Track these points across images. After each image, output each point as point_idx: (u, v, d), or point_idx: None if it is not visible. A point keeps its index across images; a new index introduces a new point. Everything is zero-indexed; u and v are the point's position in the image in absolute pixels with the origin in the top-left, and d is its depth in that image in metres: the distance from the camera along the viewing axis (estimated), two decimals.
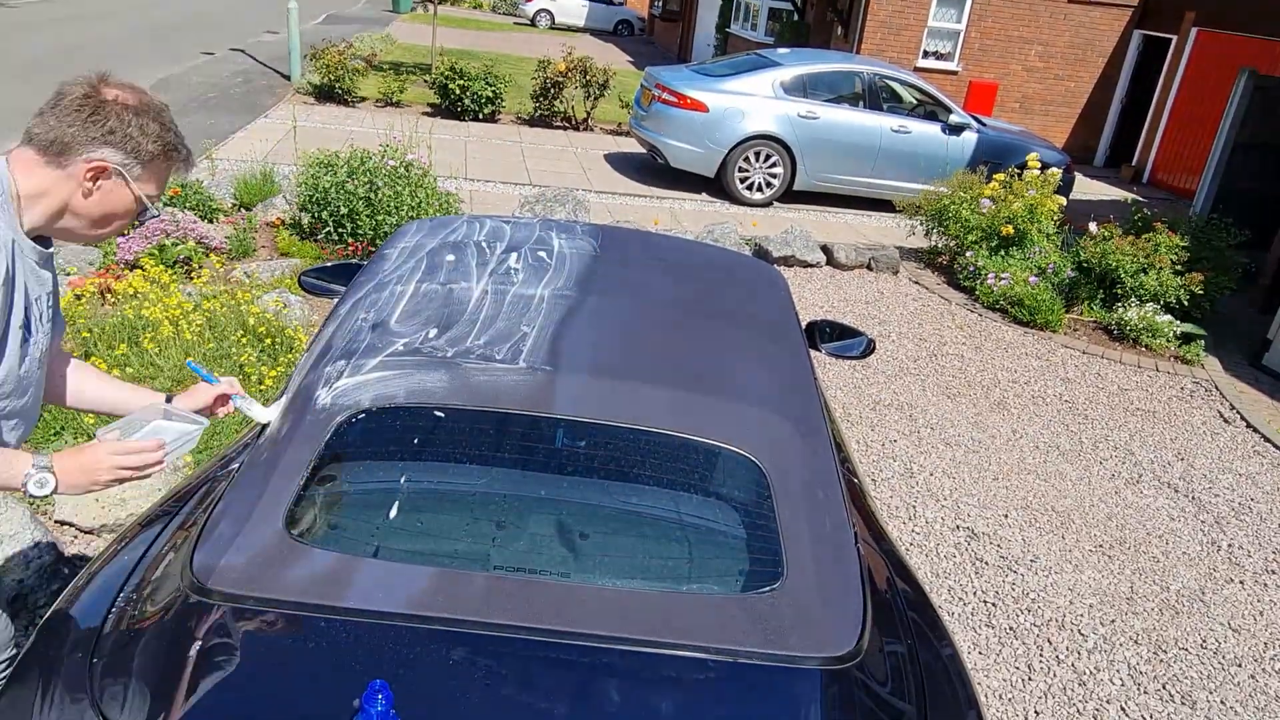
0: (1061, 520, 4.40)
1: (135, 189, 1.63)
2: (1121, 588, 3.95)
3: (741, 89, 9.47)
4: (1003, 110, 14.19)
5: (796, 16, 16.76)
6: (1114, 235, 7.40)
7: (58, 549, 2.98)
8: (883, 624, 1.77)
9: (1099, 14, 14.18)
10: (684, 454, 1.88)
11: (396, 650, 1.48)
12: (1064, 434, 5.31)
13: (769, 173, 9.59)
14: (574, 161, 10.70)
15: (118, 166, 1.60)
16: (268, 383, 3.96)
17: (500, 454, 1.88)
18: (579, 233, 2.67)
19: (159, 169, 1.66)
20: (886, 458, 4.74)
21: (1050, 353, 6.55)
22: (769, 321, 2.43)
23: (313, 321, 5.03)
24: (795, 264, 7.64)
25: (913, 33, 13.90)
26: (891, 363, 5.98)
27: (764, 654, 1.56)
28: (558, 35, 23.58)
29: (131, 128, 1.60)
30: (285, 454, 1.75)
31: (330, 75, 11.77)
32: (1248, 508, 4.78)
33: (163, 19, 18.42)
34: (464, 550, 1.74)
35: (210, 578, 1.56)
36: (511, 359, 1.90)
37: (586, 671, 1.51)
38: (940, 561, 3.93)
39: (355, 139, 8.26)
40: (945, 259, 8.16)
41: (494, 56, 15.67)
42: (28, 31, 14.91)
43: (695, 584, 1.74)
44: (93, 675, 1.49)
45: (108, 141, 1.58)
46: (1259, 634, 3.78)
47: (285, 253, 6.10)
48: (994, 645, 3.47)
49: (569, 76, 12.03)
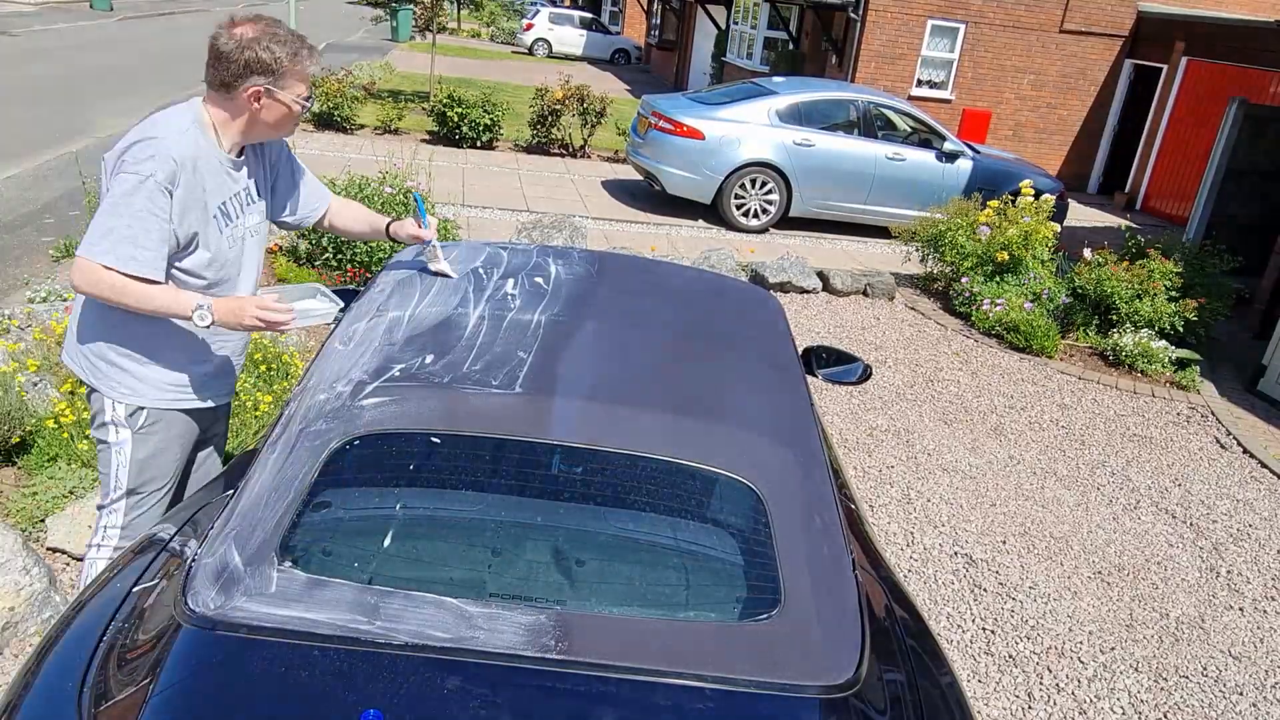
0: (1060, 547, 4.39)
1: (285, 98, 2.16)
2: (1121, 615, 3.92)
3: (737, 117, 9.55)
4: (996, 138, 14.32)
5: (791, 45, 16.95)
6: (1108, 261, 7.44)
7: (49, 576, 2.95)
8: (881, 652, 1.76)
9: (1090, 44, 14.36)
10: (681, 480, 1.87)
11: (391, 680, 1.47)
12: (1061, 460, 5.31)
13: (765, 199, 9.65)
14: (571, 188, 10.76)
15: (267, 86, 2.12)
16: (263, 408, 3.95)
17: (496, 480, 1.87)
18: (576, 259, 2.68)
19: (297, 73, 2.15)
20: (884, 484, 4.73)
21: (1046, 378, 6.56)
22: (766, 347, 2.43)
23: (309, 347, 5.03)
24: (792, 290, 7.67)
25: (907, 62, 14.06)
26: (888, 389, 5.98)
27: (762, 683, 1.55)
28: (555, 64, 23.79)
29: (262, 52, 2.08)
30: (279, 481, 1.74)
31: (329, 103, 11.86)
32: (1246, 534, 4.77)
33: (162, 49, 18.59)
34: (460, 578, 1.73)
35: (203, 607, 1.55)
36: (508, 384, 1.90)
37: (583, 700, 1.49)
38: (939, 588, 3.91)
39: (353, 166, 8.30)
40: (941, 285, 8.20)
41: (492, 85, 15.81)
42: (31, 59, 15.02)
43: (692, 611, 1.73)
44: (83, 706, 1.47)
45: (251, 70, 2.09)
46: (1260, 661, 3.75)
47: (283, 279, 6.11)
48: (993, 673, 3.44)
49: (566, 104, 12.12)
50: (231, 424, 3.62)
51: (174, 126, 2.11)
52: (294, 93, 2.17)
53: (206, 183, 2.14)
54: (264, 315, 2.09)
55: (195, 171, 2.10)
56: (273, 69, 2.11)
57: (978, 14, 13.92)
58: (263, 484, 1.76)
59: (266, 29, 2.11)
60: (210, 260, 2.21)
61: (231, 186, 2.24)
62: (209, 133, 2.17)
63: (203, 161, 2.13)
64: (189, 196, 2.09)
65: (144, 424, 2.32)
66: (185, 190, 2.08)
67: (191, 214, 2.12)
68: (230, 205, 2.24)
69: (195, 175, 2.10)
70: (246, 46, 2.08)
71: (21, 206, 7.47)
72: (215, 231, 2.20)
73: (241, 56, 2.08)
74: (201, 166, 2.12)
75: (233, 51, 2.08)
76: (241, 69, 2.09)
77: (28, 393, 3.81)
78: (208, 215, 2.16)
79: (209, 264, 2.21)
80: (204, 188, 2.13)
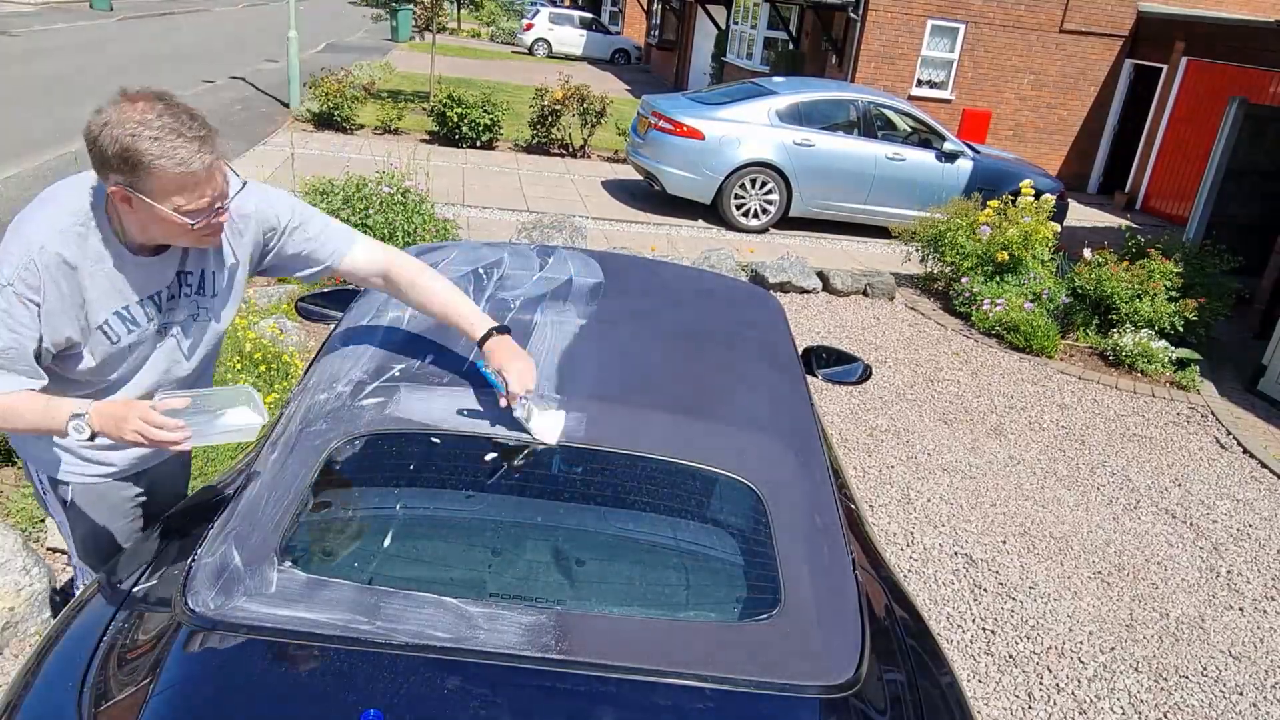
0: (1060, 547, 4.39)
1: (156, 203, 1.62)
2: (1121, 614, 3.92)
3: (737, 117, 9.55)
4: (996, 138, 14.32)
5: (791, 45, 16.95)
6: (1108, 261, 7.44)
7: (49, 576, 2.95)
8: (881, 652, 1.76)
9: (1091, 44, 14.36)
10: (681, 480, 1.87)
11: (391, 680, 1.47)
12: (1061, 460, 5.31)
13: (765, 199, 9.65)
14: (571, 188, 10.76)
15: (126, 188, 1.62)
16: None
17: (497, 480, 1.87)
18: (575, 259, 2.68)
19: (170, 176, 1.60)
20: (884, 484, 4.73)
21: (1046, 378, 6.56)
22: (765, 347, 2.43)
23: (309, 347, 5.03)
24: (792, 290, 7.66)
25: (907, 62, 14.06)
26: (888, 389, 5.98)
27: (761, 683, 1.55)
28: (555, 64, 23.79)
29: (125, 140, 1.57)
30: (279, 481, 1.74)
31: (329, 103, 11.86)
32: (1246, 533, 4.77)
33: (161, 48, 18.59)
34: (460, 577, 1.73)
35: (203, 606, 1.55)
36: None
37: (583, 700, 1.49)
38: (939, 588, 3.91)
39: (353, 166, 8.31)
40: (941, 285, 8.20)
41: (492, 84, 15.81)
42: (31, 59, 15.02)
43: (692, 611, 1.73)
44: (83, 705, 1.47)
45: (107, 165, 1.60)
46: (1260, 661, 3.75)
47: (282, 279, 6.11)
48: (993, 673, 3.44)
49: (566, 104, 12.12)
50: None
51: (54, 217, 1.70)
52: (170, 199, 1.63)
53: (91, 288, 1.72)
54: (147, 431, 1.63)
55: (76, 274, 1.70)
56: (130, 166, 1.59)
57: (978, 14, 13.92)
58: (263, 484, 1.76)
59: (145, 113, 1.58)
60: (99, 365, 1.82)
61: (142, 286, 1.80)
62: (113, 221, 1.73)
63: (88, 263, 1.71)
64: (62, 305, 1.69)
65: (72, 500, 2.02)
66: (56, 300, 1.68)
67: (67, 324, 1.72)
68: (137, 309, 1.81)
69: (75, 278, 1.70)
70: (103, 132, 1.58)
71: (21, 206, 7.46)
72: (104, 340, 1.79)
73: (97, 143, 1.59)
74: (86, 269, 1.71)
75: (95, 135, 1.59)
76: (100, 159, 1.61)
77: None
78: (91, 325, 1.75)
79: (99, 367, 1.82)
80: (85, 293, 1.72)
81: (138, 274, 1.78)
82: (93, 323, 1.75)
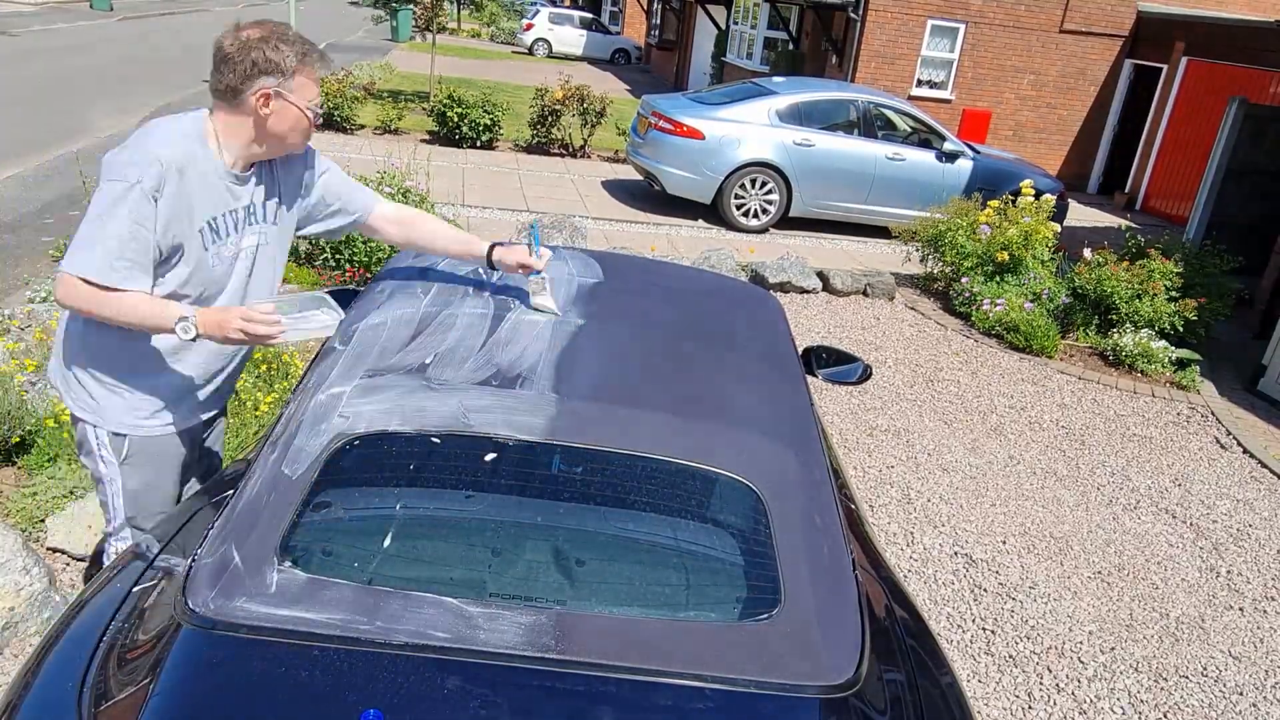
0: (1060, 547, 4.39)
1: (297, 100, 2.07)
2: (1121, 615, 3.92)
3: (737, 117, 9.55)
4: (996, 138, 14.32)
5: (791, 45, 16.95)
6: (1108, 261, 7.44)
7: (49, 576, 2.95)
8: (881, 652, 1.76)
9: (1090, 44, 14.36)
10: (681, 480, 1.87)
11: (391, 680, 1.47)
12: (1061, 460, 5.31)
13: (765, 199, 9.65)
14: (571, 188, 10.76)
15: (276, 88, 2.03)
16: (263, 408, 3.95)
17: (496, 480, 1.87)
18: (576, 259, 2.68)
19: (307, 73, 2.07)
20: (884, 484, 4.73)
21: (1046, 378, 6.56)
22: (766, 347, 2.43)
23: (309, 348, 5.03)
24: (792, 290, 7.66)
25: (906, 62, 14.06)
26: (888, 389, 5.98)
27: (761, 682, 1.55)
28: (555, 64, 23.80)
29: (270, 51, 2.01)
30: (279, 481, 1.74)
31: (329, 103, 11.85)
32: (1246, 534, 4.77)
33: (162, 49, 18.60)
34: (460, 578, 1.73)
35: (203, 607, 1.55)
36: (508, 384, 1.90)
37: (583, 700, 1.49)
38: (939, 588, 3.91)
39: (353, 166, 8.30)
40: (941, 285, 8.20)
41: (492, 84, 15.81)
42: (30, 59, 15.02)
43: (692, 611, 1.73)
44: (83, 706, 1.47)
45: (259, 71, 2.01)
46: (1260, 661, 3.75)
47: (282, 278, 6.10)
48: (993, 673, 3.44)
49: (566, 104, 12.12)
50: (231, 424, 3.63)
51: (167, 132, 2.04)
52: (305, 95, 2.07)
53: (195, 193, 2.04)
54: (248, 328, 1.94)
55: (183, 179, 2.01)
56: (281, 69, 2.02)
57: (978, 14, 13.92)
58: (263, 484, 1.76)
59: (274, 30, 2.04)
60: (189, 276, 2.09)
61: (227, 202, 2.13)
62: (209, 143, 2.09)
63: (194, 170, 2.04)
64: (175, 204, 2.00)
65: (129, 454, 2.20)
66: (171, 198, 1.99)
67: (177, 224, 2.02)
68: (222, 221, 2.13)
69: (183, 182, 2.01)
70: (253, 47, 1.99)
71: (22, 206, 7.47)
72: (199, 246, 2.09)
73: (248, 57, 1.99)
74: (191, 175, 2.03)
75: (238, 53, 1.99)
76: (249, 70, 2.00)
77: (28, 393, 3.82)
78: (193, 228, 2.06)
79: (188, 279, 2.10)
80: (192, 197, 2.03)
81: (226, 191, 2.12)
82: (195, 225, 2.05)
